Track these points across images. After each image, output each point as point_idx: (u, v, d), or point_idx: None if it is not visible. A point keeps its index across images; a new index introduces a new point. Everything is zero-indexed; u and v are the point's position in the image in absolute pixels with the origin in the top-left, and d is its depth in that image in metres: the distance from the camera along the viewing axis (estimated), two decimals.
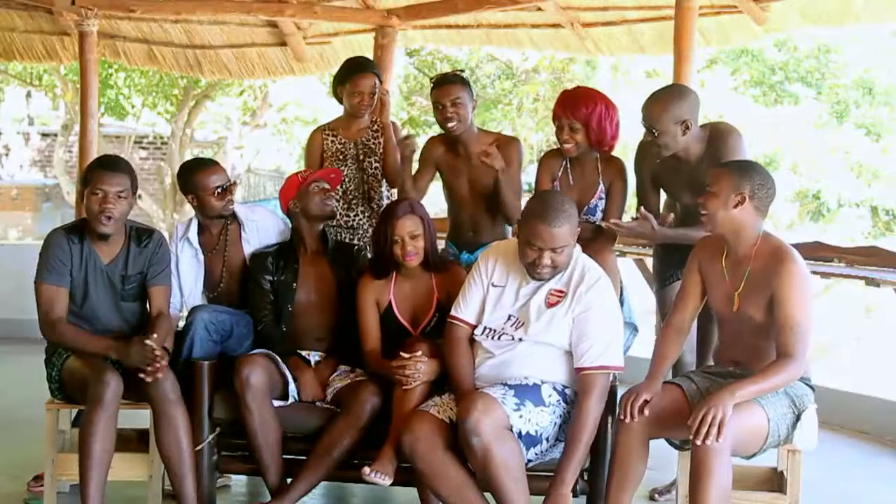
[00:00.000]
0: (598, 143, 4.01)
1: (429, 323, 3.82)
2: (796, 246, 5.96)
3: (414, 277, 3.84)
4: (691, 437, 3.07)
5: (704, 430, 3.03)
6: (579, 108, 3.96)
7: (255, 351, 3.85)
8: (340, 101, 4.59)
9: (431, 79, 4.41)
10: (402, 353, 3.56)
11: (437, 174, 4.47)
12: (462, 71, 4.41)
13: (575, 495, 3.59)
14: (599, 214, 4.08)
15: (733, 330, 3.41)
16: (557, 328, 3.43)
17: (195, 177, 4.15)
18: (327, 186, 4.05)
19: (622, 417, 3.25)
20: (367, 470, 3.45)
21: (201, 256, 4.21)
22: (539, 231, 3.35)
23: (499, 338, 3.51)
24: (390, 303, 3.83)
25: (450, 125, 4.21)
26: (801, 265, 3.24)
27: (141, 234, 3.85)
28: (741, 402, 3.12)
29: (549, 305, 3.46)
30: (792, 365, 3.16)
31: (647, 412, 3.24)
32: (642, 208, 3.86)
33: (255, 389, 3.65)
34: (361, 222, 4.56)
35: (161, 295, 3.88)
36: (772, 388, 3.17)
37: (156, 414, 3.61)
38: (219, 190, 4.13)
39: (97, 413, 3.49)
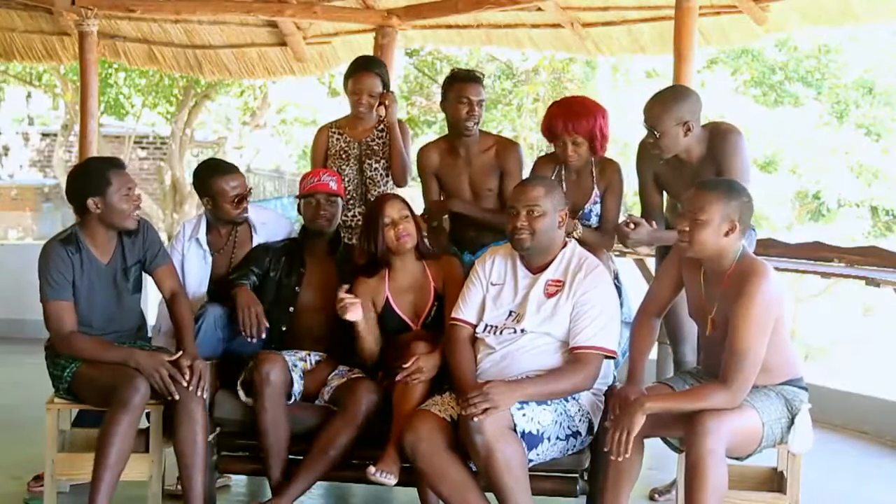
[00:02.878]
0: (600, 151, 4.04)
1: (429, 314, 3.83)
2: (796, 246, 6.02)
3: (408, 270, 3.85)
4: (610, 454, 3.18)
5: (618, 448, 3.13)
6: (581, 123, 3.95)
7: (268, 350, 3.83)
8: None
9: (455, 70, 4.37)
10: (402, 366, 3.57)
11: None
12: (481, 73, 4.37)
13: (574, 495, 3.60)
14: (594, 219, 4.07)
15: (710, 346, 3.39)
16: (558, 317, 3.45)
17: (214, 181, 4.13)
18: (322, 201, 3.98)
19: (613, 456, 3.21)
20: (371, 469, 3.45)
21: (209, 258, 4.21)
22: (516, 192, 3.55)
23: (501, 332, 3.52)
24: (388, 300, 3.84)
25: (468, 124, 4.19)
26: (765, 290, 3.13)
27: None
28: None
29: (549, 296, 3.49)
30: (725, 393, 3.13)
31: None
32: (631, 214, 3.84)
33: (273, 387, 3.65)
34: (359, 223, 4.55)
35: (167, 274, 3.90)
36: (693, 409, 3.14)
37: (177, 408, 3.60)
38: (237, 198, 4.13)
39: (122, 416, 3.49)
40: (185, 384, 3.55)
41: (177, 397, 3.56)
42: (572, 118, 3.96)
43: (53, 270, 3.70)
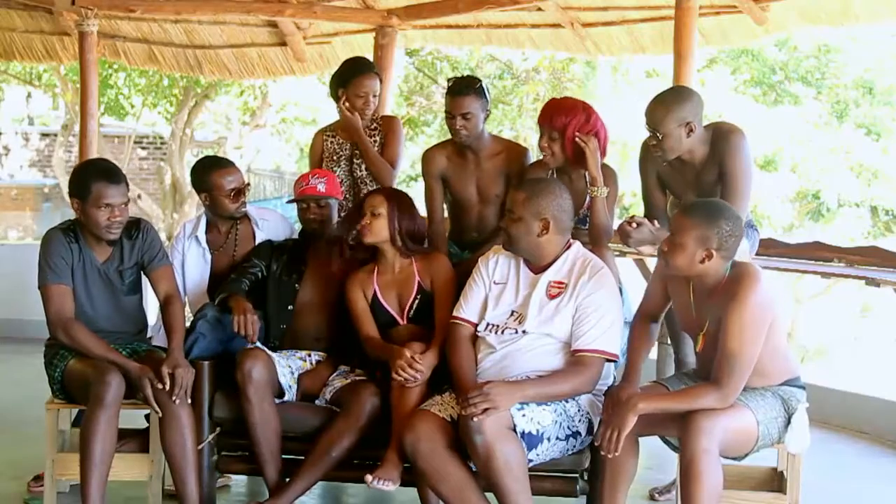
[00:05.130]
0: (573, 157, 3.91)
1: (411, 307, 3.83)
2: (796, 246, 6.01)
3: (394, 266, 3.87)
4: (601, 451, 3.20)
5: (608, 446, 3.13)
6: (558, 117, 3.88)
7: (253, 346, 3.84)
8: (338, 102, 4.57)
9: (448, 80, 4.33)
10: (398, 363, 3.55)
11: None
12: (478, 80, 4.25)
13: (574, 495, 3.60)
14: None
15: (705, 356, 3.37)
16: (560, 319, 3.45)
17: (210, 176, 4.16)
18: (312, 205, 4.00)
19: (603, 453, 3.21)
20: (369, 478, 3.44)
21: (209, 256, 4.23)
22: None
23: (502, 332, 3.52)
24: (375, 293, 3.85)
25: (459, 137, 4.18)
26: (758, 295, 3.14)
27: (129, 228, 3.84)
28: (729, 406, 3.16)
29: (551, 297, 3.49)
30: (715, 394, 3.14)
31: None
32: (634, 215, 3.84)
33: (257, 383, 3.65)
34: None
35: (164, 277, 3.89)
36: (685, 409, 3.15)
37: (161, 411, 3.60)
38: (233, 191, 4.14)
39: (98, 413, 3.50)
40: (166, 390, 3.55)
41: (159, 414, 3.56)
42: (551, 111, 3.93)
43: (54, 255, 3.70)
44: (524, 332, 3.48)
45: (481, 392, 3.24)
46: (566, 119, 3.88)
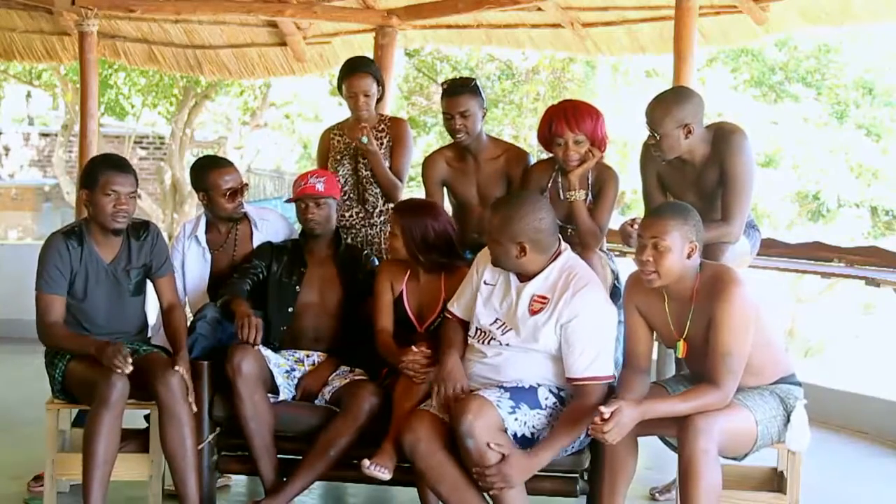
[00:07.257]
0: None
1: (433, 322, 3.83)
2: (796, 246, 6.02)
3: (425, 276, 3.87)
4: (589, 431, 3.15)
5: (599, 436, 3.09)
6: (585, 121, 3.92)
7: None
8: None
9: (443, 84, 4.39)
10: (412, 348, 3.57)
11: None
12: (472, 79, 4.33)
13: (574, 495, 3.60)
14: None
15: (692, 362, 3.37)
16: (543, 336, 3.38)
17: (208, 175, 4.16)
18: (310, 205, 3.99)
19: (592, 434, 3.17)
20: (366, 462, 3.45)
21: (209, 256, 4.23)
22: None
23: (488, 342, 3.50)
24: (402, 293, 3.86)
25: (458, 136, 4.22)
26: (742, 291, 3.17)
27: (138, 228, 3.87)
28: (727, 405, 3.16)
29: (533, 313, 3.41)
30: (715, 393, 3.15)
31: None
32: (637, 217, 3.83)
33: (246, 376, 3.65)
34: (355, 222, 4.56)
35: (168, 285, 3.92)
36: (687, 411, 3.14)
37: (161, 411, 3.61)
38: (230, 192, 4.14)
39: (102, 413, 3.50)
40: (180, 393, 3.58)
41: (125, 370, 3.50)
42: (576, 116, 3.94)
43: (51, 264, 3.72)
44: (508, 345, 3.45)
45: (499, 471, 3.22)
46: (594, 120, 3.95)
